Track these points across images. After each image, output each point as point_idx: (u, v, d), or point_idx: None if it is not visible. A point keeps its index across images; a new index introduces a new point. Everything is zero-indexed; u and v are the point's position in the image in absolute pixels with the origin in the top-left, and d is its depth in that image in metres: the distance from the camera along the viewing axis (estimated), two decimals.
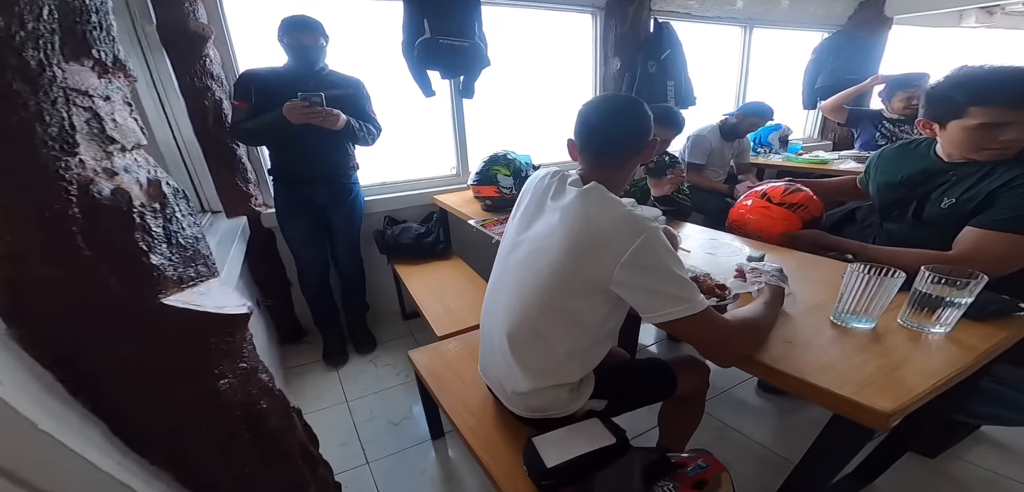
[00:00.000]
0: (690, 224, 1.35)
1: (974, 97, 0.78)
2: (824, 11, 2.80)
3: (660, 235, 0.58)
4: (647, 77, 2.26)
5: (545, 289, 0.65)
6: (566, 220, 0.65)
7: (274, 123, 1.22)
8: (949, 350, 0.59)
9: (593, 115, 0.70)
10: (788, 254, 0.99)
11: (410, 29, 1.58)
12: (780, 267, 0.75)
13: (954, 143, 0.84)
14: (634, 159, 0.71)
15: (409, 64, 1.66)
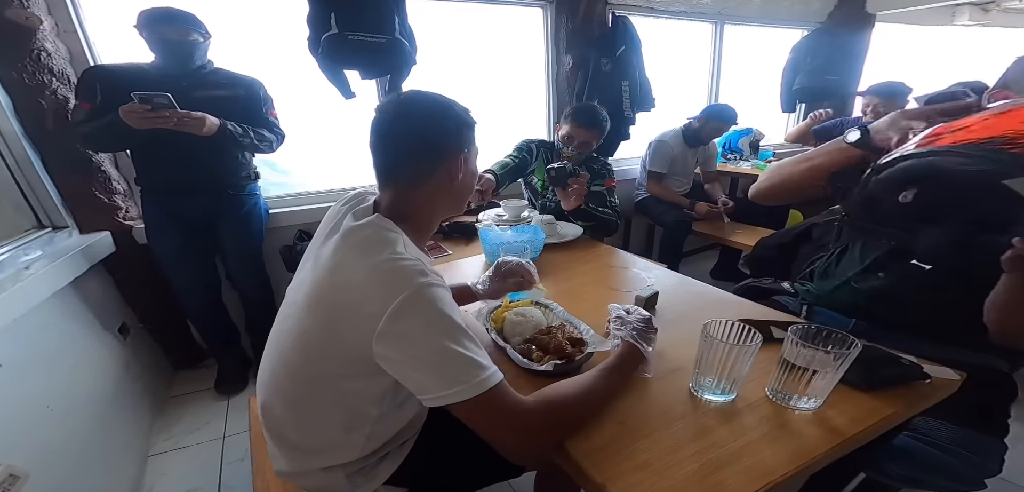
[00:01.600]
0: (611, 247, 1.24)
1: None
2: (801, 7, 2.72)
3: (429, 295, 0.46)
4: (600, 76, 2.16)
5: (293, 356, 0.54)
6: (315, 270, 0.54)
7: (113, 127, 1.11)
8: (806, 436, 0.49)
9: (377, 118, 0.58)
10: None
11: (315, 24, 1.48)
12: (649, 317, 0.64)
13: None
14: (435, 178, 0.58)
15: (319, 63, 1.56)
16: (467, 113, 0.62)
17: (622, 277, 0.99)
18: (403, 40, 1.64)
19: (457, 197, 0.63)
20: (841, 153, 0.85)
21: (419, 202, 0.59)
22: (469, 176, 0.63)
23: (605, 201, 1.40)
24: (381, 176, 0.59)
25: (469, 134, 0.62)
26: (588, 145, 1.37)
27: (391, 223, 0.54)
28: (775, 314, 0.79)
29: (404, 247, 0.51)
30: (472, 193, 0.66)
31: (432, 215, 0.62)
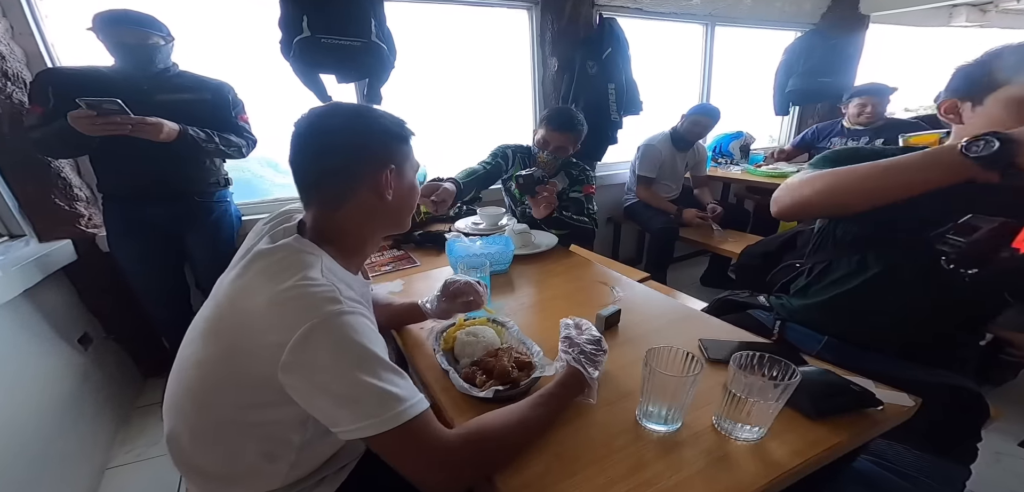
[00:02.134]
0: (586, 258, 1.23)
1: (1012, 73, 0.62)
2: (793, 8, 2.71)
3: (338, 324, 0.43)
4: (586, 79, 2.15)
5: (197, 386, 0.50)
6: (216, 296, 0.52)
7: (63, 133, 1.09)
8: (744, 470, 0.47)
9: (293, 134, 0.54)
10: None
11: (287, 27, 1.46)
12: (599, 337, 0.63)
13: (994, 124, 0.63)
14: (359, 198, 0.54)
15: (293, 67, 1.55)
16: (397, 125, 0.59)
17: (593, 291, 0.98)
18: (380, 43, 1.63)
19: (392, 216, 0.60)
20: (947, 170, 0.61)
21: (343, 223, 0.56)
22: (404, 192, 0.60)
23: (582, 208, 1.39)
24: (301, 196, 0.56)
25: (399, 147, 0.58)
26: (564, 149, 1.35)
27: (311, 246, 0.51)
28: (741, 334, 0.78)
29: (321, 272, 0.48)
30: (413, 209, 0.64)
31: (362, 236, 0.59)
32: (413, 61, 2.08)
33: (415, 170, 0.63)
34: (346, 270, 0.55)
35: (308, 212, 0.57)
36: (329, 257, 0.52)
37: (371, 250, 0.63)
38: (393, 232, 0.64)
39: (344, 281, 0.51)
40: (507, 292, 0.99)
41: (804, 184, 0.74)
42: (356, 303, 0.48)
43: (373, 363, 0.44)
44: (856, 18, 2.75)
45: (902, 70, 4.31)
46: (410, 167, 0.61)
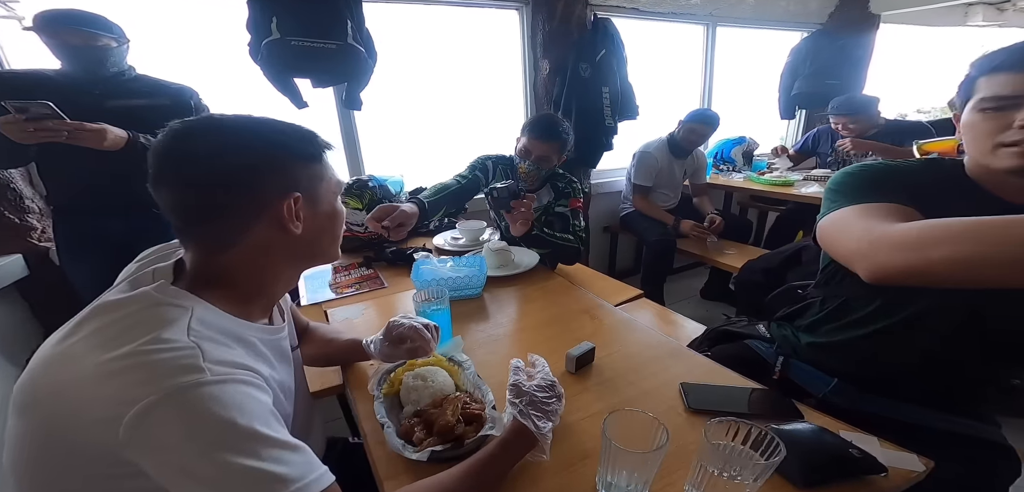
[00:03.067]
0: (569, 282, 1.16)
1: (984, 65, 0.58)
2: (799, 8, 2.63)
3: (193, 398, 0.35)
4: (579, 82, 2.08)
5: (20, 468, 0.40)
6: (36, 358, 0.41)
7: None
8: None
9: (152, 152, 0.43)
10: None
11: (256, 28, 1.41)
12: (552, 383, 0.56)
13: (968, 142, 0.60)
14: (252, 236, 0.45)
15: (264, 71, 1.50)
16: (303, 141, 0.48)
17: (571, 321, 0.90)
18: (357, 46, 1.57)
19: (305, 251, 0.50)
20: None
21: (234, 265, 0.45)
22: (320, 222, 0.50)
23: (568, 224, 1.31)
24: (174, 231, 0.46)
25: (306, 169, 0.48)
26: (547, 160, 1.28)
27: (180, 295, 0.42)
28: (731, 377, 0.71)
29: (186, 330, 0.39)
30: (338, 237, 0.55)
31: (262, 278, 0.48)
32: (399, 64, 2.03)
33: (336, 190, 0.53)
34: (239, 320, 0.46)
35: (186, 251, 0.47)
36: (209, 307, 0.43)
37: (282, 290, 0.54)
38: (313, 266, 0.56)
39: (228, 336, 0.43)
40: (476, 320, 0.92)
41: (924, 243, 0.52)
42: (234, 368, 0.39)
43: (248, 440, 0.36)
44: (866, 18, 2.66)
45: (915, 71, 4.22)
46: (327, 189, 0.51)
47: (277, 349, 0.51)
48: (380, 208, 0.89)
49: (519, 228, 1.05)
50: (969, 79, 0.61)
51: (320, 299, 1.04)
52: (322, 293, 1.07)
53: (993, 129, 0.56)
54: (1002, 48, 0.57)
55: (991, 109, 0.56)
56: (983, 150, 0.59)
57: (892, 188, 0.63)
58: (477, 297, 1.01)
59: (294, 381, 0.56)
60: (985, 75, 0.58)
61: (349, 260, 1.28)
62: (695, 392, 0.65)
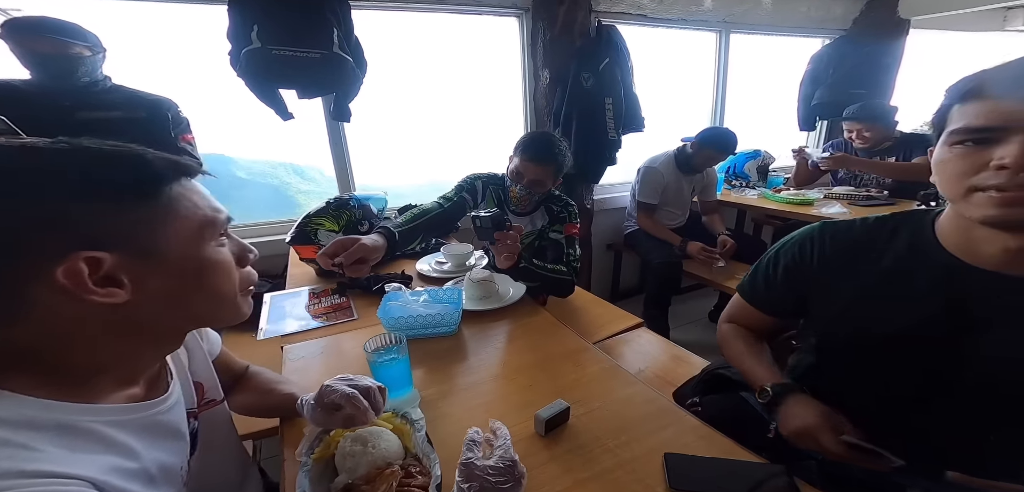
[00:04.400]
0: (555, 319, 1.08)
1: (957, 91, 0.50)
2: (821, 13, 2.52)
3: None
4: (580, 92, 2.01)
5: None
6: None
7: None
8: None
9: None
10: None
11: (236, 37, 1.39)
12: (512, 463, 0.48)
13: (940, 184, 0.53)
14: (22, 295, 0.33)
15: (246, 81, 1.47)
16: (117, 173, 0.36)
17: (554, 366, 0.81)
18: (344, 55, 1.54)
19: (167, 318, 0.40)
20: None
21: (37, 343, 0.35)
22: (174, 278, 0.38)
23: (561, 253, 1.22)
24: None
25: (118, 214, 0.35)
26: (541, 184, 1.18)
27: None
28: (722, 443, 0.62)
29: None
30: (223, 296, 0.43)
31: (95, 357, 0.38)
32: (394, 74, 2.01)
33: (203, 232, 0.41)
34: (68, 404, 0.36)
35: None
36: (13, 398, 0.33)
37: (147, 363, 0.44)
38: (200, 328, 0.48)
39: (36, 430, 0.33)
40: (446, 362, 0.84)
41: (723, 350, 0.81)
42: (56, 480, 0.31)
43: None
44: (894, 22, 2.53)
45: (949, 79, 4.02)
46: (179, 234, 0.38)
47: (151, 427, 0.42)
48: (336, 241, 0.79)
49: (504, 261, 0.97)
50: (942, 108, 0.53)
51: (280, 332, 0.98)
52: (281, 325, 1.01)
53: (967, 169, 0.48)
54: (979, 71, 0.49)
55: (964, 144, 0.48)
56: (956, 193, 0.51)
57: (782, 288, 0.70)
58: (452, 334, 0.94)
59: (195, 453, 0.49)
60: (959, 103, 0.50)
61: (322, 287, 1.22)
62: (679, 468, 0.56)
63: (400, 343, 0.69)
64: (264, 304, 1.08)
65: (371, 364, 0.67)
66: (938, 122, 0.54)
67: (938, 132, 0.53)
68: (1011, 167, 0.43)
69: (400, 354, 0.68)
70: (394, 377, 0.68)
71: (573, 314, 1.48)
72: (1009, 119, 0.44)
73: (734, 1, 2.35)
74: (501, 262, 0.98)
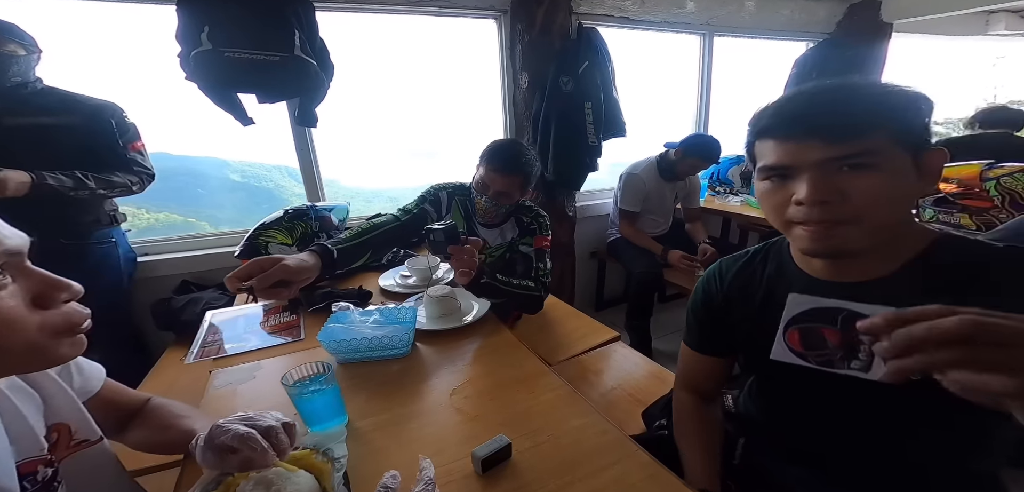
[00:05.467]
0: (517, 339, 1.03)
1: (753, 127, 0.52)
2: (804, 16, 2.52)
3: None
4: (559, 96, 1.98)
5: None
6: None
7: None
8: None
9: None
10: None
11: (185, 39, 1.33)
12: None
13: (765, 214, 0.55)
14: None
15: (199, 86, 1.41)
16: None
17: (504, 392, 0.76)
18: (306, 58, 1.48)
19: None
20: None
21: None
22: None
23: (531, 267, 1.16)
24: None
25: None
26: (507, 196, 1.13)
27: None
28: (673, 487, 0.57)
29: None
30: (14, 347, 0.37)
31: None
32: (369, 77, 1.96)
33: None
34: None
35: None
36: None
37: None
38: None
39: None
40: (391, 388, 0.78)
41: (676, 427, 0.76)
42: None
43: None
44: (877, 26, 2.54)
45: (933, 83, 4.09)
46: None
47: None
48: (253, 261, 0.69)
49: (461, 278, 0.92)
50: (748, 143, 0.55)
51: (218, 354, 0.92)
52: (220, 347, 0.95)
53: (779, 203, 0.50)
54: (768, 106, 0.51)
55: (771, 180, 0.50)
56: (778, 224, 0.53)
57: (708, 328, 0.69)
58: (404, 355, 0.89)
59: None
60: (757, 140, 0.52)
61: (274, 303, 1.16)
62: None
63: (327, 371, 0.64)
64: (203, 325, 1.02)
65: (292, 398, 0.62)
66: (749, 155, 0.55)
67: (753, 164, 0.54)
68: (805, 203, 0.45)
69: (327, 384, 0.63)
70: (320, 409, 0.62)
71: (548, 327, 1.43)
72: (794, 158, 0.46)
73: (717, 4, 2.34)
74: (458, 279, 0.93)
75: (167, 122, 1.50)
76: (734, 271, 0.66)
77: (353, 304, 1.07)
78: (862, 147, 0.43)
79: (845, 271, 0.51)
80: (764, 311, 0.59)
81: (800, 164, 0.45)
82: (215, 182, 2.48)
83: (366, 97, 1.93)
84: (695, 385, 0.74)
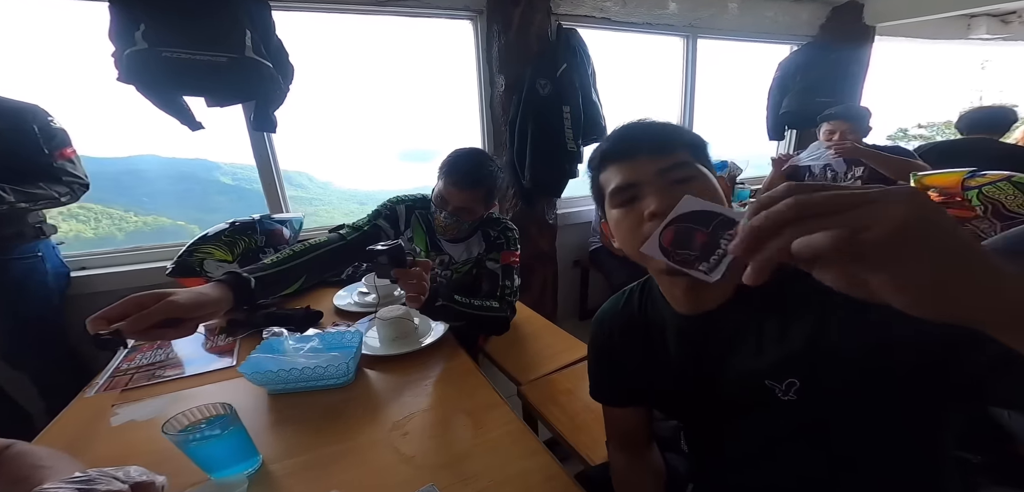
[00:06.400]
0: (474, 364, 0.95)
1: (595, 159, 0.57)
2: (788, 19, 2.51)
3: None
4: (536, 100, 1.91)
5: None
6: None
7: None
8: None
9: None
10: None
11: (119, 37, 1.23)
12: None
13: (621, 242, 0.55)
14: None
15: (136, 87, 1.31)
16: None
17: (447, 427, 0.68)
18: (259, 59, 1.40)
19: None
20: None
21: None
22: None
23: (496, 285, 1.09)
24: None
25: None
26: (468, 211, 1.06)
27: None
28: None
29: None
30: None
31: None
32: (343, 79, 1.89)
33: None
34: None
35: None
36: None
37: None
38: None
39: None
40: (323, 422, 0.69)
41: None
42: None
43: None
44: (860, 29, 2.54)
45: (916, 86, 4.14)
46: None
47: None
48: (129, 299, 0.56)
49: (412, 302, 0.84)
50: (592, 179, 0.58)
51: (132, 384, 0.82)
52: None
53: (632, 226, 0.51)
54: (604, 142, 0.56)
55: (622, 206, 0.52)
56: (633, 249, 0.52)
57: (607, 379, 0.67)
58: (347, 384, 0.80)
59: None
60: (601, 172, 0.56)
61: (212, 324, 1.06)
62: None
63: (227, 412, 0.55)
64: (118, 355, 0.92)
65: (178, 446, 0.53)
66: (596, 192, 0.57)
67: (599, 198, 0.57)
68: (659, 212, 0.46)
69: (226, 427, 0.54)
70: (219, 455, 0.54)
71: (521, 343, 1.36)
72: (638, 174, 0.50)
73: (700, 5, 2.31)
74: (408, 302, 0.85)
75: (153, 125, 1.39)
76: (611, 316, 0.66)
77: (298, 327, 0.98)
78: (679, 159, 0.50)
79: (701, 300, 0.52)
80: (649, 348, 0.60)
81: (643, 179, 0.49)
82: (205, 185, 2.38)
83: (360, 100, 1.86)
84: (622, 440, 0.69)
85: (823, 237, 0.23)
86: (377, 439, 0.67)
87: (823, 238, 0.23)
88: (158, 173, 3.69)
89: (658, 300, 0.59)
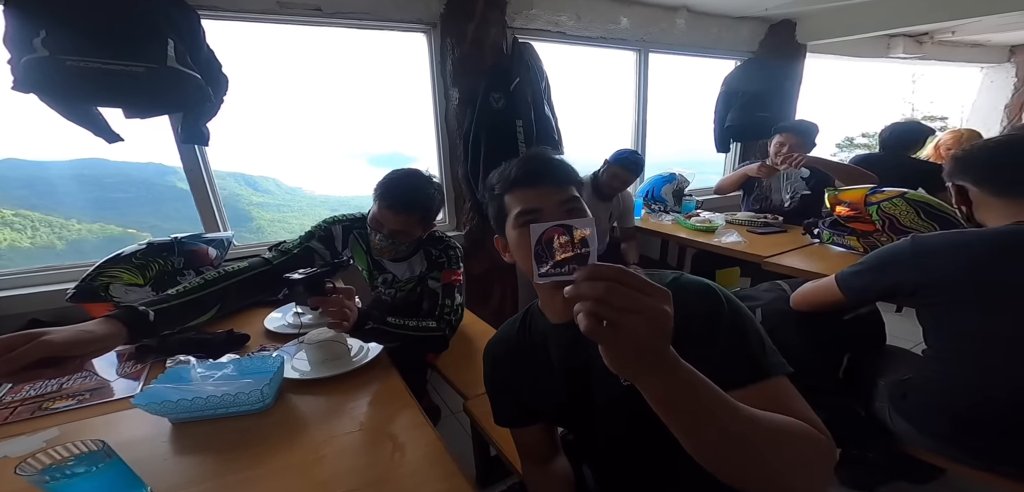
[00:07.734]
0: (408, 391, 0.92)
1: (505, 183, 0.60)
2: (730, 35, 2.68)
3: None
4: (490, 113, 1.92)
5: None
6: None
7: None
8: None
9: None
10: None
11: (15, 44, 1.11)
12: None
13: (521, 261, 0.60)
14: None
15: (39, 97, 1.19)
16: None
17: (367, 449, 0.65)
18: (185, 70, 1.32)
19: None
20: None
21: None
22: None
23: (436, 304, 1.07)
24: None
25: None
26: (404, 234, 1.04)
27: None
28: None
29: None
30: None
31: None
32: (314, 85, 1.83)
33: None
34: None
35: None
36: None
37: None
38: None
39: None
40: (232, 450, 0.64)
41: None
42: None
43: None
44: (793, 47, 2.75)
45: (842, 103, 4.58)
46: None
47: None
48: (7, 338, 0.52)
49: (337, 327, 0.80)
50: (496, 198, 0.61)
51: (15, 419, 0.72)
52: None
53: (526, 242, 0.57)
54: (510, 167, 0.60)
55: (524, 225, 0.56)
56: (530, 267, 0.56)
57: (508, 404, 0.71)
58: (267, 409, 0.76)
59: None
60: (507, 194, 0.60)
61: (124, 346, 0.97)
62: None
63: (100, 447, 0.50)
64: None
65: (40, 488, 0.47)
66: (496, 211, 0.62)
67: (499, 220, 0.61)
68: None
69: (96, 463, 0.49)
70: (100, 487, 0.49)
71: (472, 357, 1.34)
72: (542, 201, 0.56)
73: (650, 21, 2.41)
74: (333, 327, 0.82)
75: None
76: (499, 343, 0.71)
77: (216, 352, 0.91)
78: (572, 193, 0.57)
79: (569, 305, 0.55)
80: (537, 366, 0.64)
81: (546, 205, 0.56)
82: (160, 190, 2.19)
83: (326, 106, 1.80)
84: (532, 455, 0.74)
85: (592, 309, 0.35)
86: (291, 465, 0.63)
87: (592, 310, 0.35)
88: (107, 177, 3.42)
89: (539, 318, 0.64)
